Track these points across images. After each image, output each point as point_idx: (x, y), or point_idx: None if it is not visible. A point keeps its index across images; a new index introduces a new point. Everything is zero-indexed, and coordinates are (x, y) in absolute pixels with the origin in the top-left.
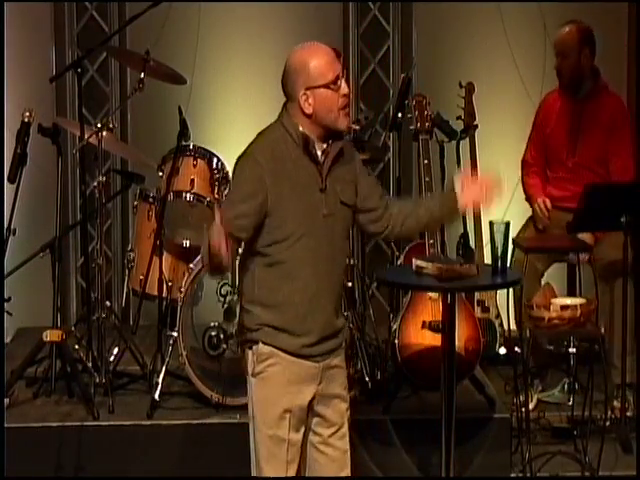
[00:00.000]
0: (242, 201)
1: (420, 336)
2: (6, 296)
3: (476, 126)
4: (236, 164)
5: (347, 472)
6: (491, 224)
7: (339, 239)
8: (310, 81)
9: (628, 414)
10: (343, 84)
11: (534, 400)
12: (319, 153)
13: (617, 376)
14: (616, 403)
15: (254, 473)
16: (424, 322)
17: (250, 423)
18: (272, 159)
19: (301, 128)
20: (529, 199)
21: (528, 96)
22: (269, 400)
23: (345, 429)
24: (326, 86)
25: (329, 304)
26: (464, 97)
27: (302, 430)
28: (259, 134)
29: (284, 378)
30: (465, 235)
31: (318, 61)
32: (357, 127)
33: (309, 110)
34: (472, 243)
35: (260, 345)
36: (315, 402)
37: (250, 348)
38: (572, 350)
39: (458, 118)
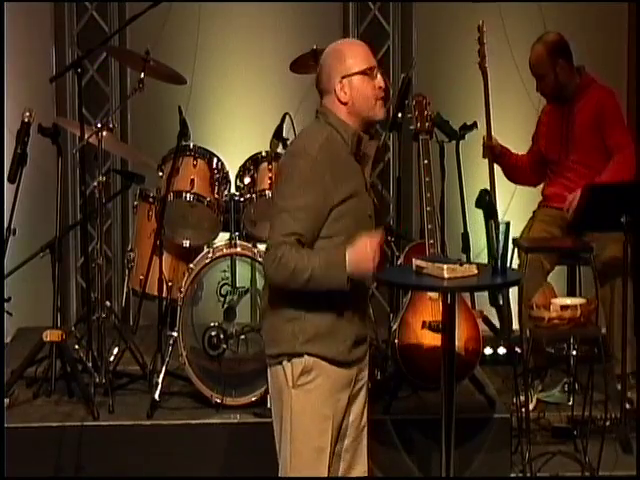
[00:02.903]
0: (306, 208)
1: (420, 336)
2: (6, 296)
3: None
4: (288, 163)
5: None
6: (491, 224)
7: None
8: (346, 70)
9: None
10: (379, 76)
11: (534, 400)
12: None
13: (618, 368)
14: (630, 394)
15: None
16: (424, 322)
17: (284, 434)
18: (329, 157)
19: (350, 123)
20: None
21: (528, 96)
22: (314, 411)
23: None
24: (362, 73)
25: (364, 306)
26: (478, 39)
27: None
28: (307, 133)
29: (328, 387)
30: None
31: (354, 51)
32: None
33: (345, 98)
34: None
35: (305, 357)
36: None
37: (289, 360)
38: (573, 352)
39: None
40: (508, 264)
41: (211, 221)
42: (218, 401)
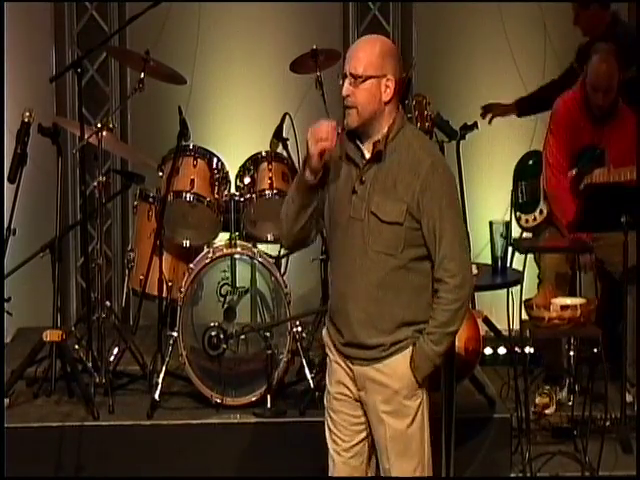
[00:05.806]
0: None
1: None
2: (6, 296)
3: None
4: None
5: None
6: (491, 224)
7: (372, 252)
8: None
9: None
10: (347, 83)
11: (554, 404)
12: (363, 153)
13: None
14: None
15: None
16: None
17: None
18: (330, 156)
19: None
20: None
21: None
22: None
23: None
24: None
25: (354, 313)
26: None
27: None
28: None
29: (331, 361)
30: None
31: (348, 52)
32: None
33: None
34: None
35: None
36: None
37: None
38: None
39: None
40: (508, 264)
41: (211, 221)
42: (218, 401)
